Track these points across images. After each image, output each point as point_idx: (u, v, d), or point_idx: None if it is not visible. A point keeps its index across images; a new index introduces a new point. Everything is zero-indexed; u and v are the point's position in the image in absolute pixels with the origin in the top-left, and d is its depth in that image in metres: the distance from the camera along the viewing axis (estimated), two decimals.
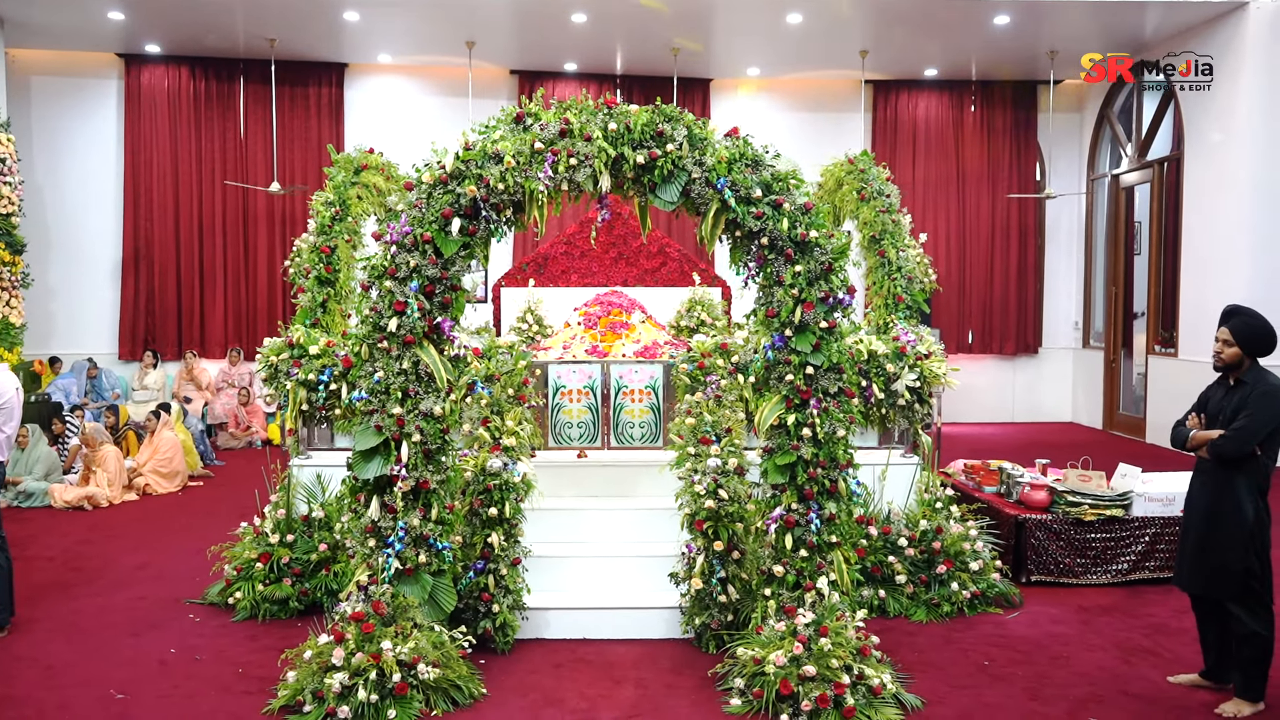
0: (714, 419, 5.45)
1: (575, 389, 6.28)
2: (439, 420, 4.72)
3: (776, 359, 4.72)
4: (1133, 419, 13.28)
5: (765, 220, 4.63)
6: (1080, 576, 6.36)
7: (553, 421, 6.29)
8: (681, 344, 7.35)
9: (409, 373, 4.67)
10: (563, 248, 9.18)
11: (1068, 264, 14.82)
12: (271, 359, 5.96)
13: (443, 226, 4.61)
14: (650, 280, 9.10)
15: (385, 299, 4.66)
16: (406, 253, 4.63)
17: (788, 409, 4.70)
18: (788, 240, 4.64)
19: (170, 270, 13.36)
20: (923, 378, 5.92)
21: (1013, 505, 6.65)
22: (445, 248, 4.61)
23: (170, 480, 9.68)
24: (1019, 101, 14.43)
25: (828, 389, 4.68)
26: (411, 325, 4.62)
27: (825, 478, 4.70)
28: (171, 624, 5.68)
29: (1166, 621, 5.72)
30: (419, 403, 4.68)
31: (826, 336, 4.66)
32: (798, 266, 4.63)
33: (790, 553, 4.71)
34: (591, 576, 5.61)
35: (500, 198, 4.63)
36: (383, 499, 4.70)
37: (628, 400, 6.28)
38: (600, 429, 6.31)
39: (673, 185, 4.65)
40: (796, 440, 4.68)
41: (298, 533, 5.94)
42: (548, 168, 4.59)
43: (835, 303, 4.66)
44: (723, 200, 4.63)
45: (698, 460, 5.27)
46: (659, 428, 6.31)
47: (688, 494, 5.15)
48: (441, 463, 4.78)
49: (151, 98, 13.24)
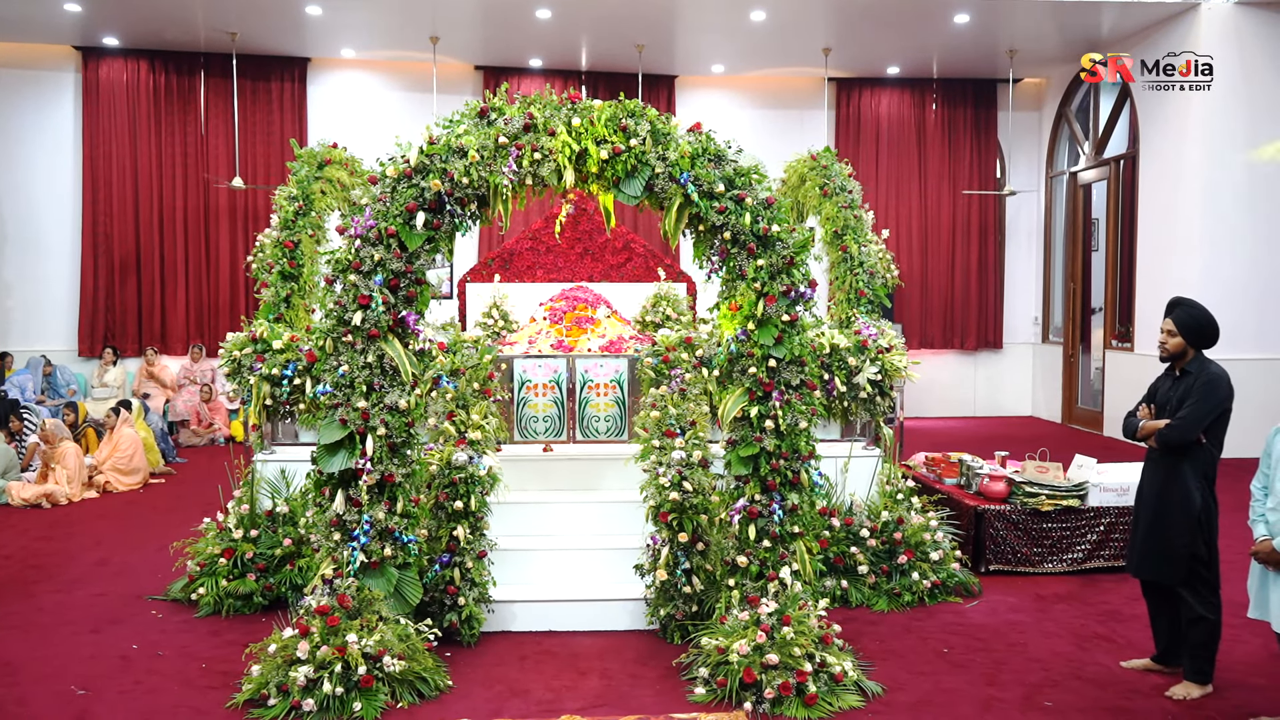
0: (678, 412, 5.50)
1: (541, 383, 6.31)
2: (404, 414, 4.73)
3: (739, 352, 4.78)
4: (1091, 412, 13.52)
5: (728, 215, 4.69)
6: (1038, 565, 6.49)
7: (518, 416, 6.32)
8: (647, 339, 7.40)
9: (374, 366, 4.67)
10: (528, 243, 9.19)
11: (1027, 261, 15.04)
12: (234, 354, 5.93)
13: (407, 220, 4.62)
14: (616, 276, 9.13)
15: (350, 293, 4.66)
16: (371, 246, 4.64)
17: (751, 401, 4.76)
18: (750, 235, 4.70)
19: (130, 265, 13.19)
20: (884, 371, 6.01)
21: (972, 496, 6.77)
22: (410, 241, 4.62)
23: (131, 477, 9.58)
24: (979, 100, 14.62)
25: (790, 381, 4.75)
26: (376, 319, 4.62)
27: (788, 469, 4.76)
28: (133, 620, 5.64)
29: (1119, 608, 5.85)
30: (384, 396, 4.68)
31: (788, 329, 4.72)
32: (760, 260, 4.69)
33: (753, 543, 4.77)
34: (557, 569, 5.65)
35: (465, 192, 4.64)
36: (348, 493, 4.70)
37: (593, 394, 6.32)
38: (566, 423, 6.35)
39: (636, 180, 4.70)
40: (759, 432, 4.74)
41: (261, 528, 5.92)
42: (512, 162, 4.61)
43: (797, 296, 4.73)
44: (686, 195, 4.68)
45: (662, 453, 5.32)
46: (624, 421, 6.36)
47: (653, 486, 5.20)
48: (407, 456, 4.79)
49: (110, 91, 13.05)
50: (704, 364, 5.89)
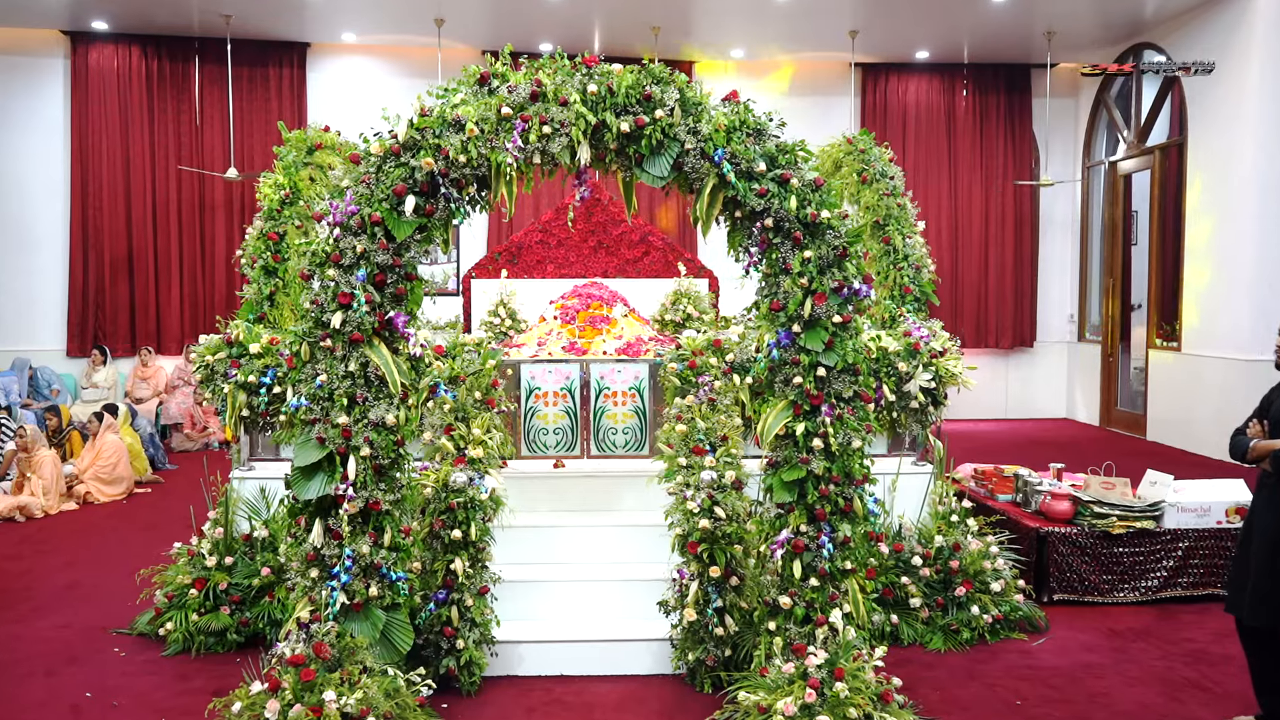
0: (708, 425, 4.83)
1: (551, 391, 5.63)
2: (392, 431, 4.07)
3: (782, 359, 4.10)
4: (1131, 415, 12.78)
5: (770, 198, 4.00)
6: (1107, 595, 5.80)
7: (526, 428, 5.65)
8: (668, 340, 6.73)
9: (356, 376, 4.01)
10: (538, 236, 8.52)
11: (1062, 255, 14.30)
12: (207, 358, 5.28)
13: (394, 205, 3.96)
14: (632, 271, 8.46)
15: (328, 290, 4.00)
16: (352, 236, 3.97)
17: (795, 416, 4.08)
18: (796, 221, 4.02)
19: (121, 261, 12.58)
20: (938, 377, 5.32)
21: (1032, 516, 6.07)
22: (398, 230, 3.95)
23: (114, 487, 8.95)
24: (1012, 86, 13.89)
25: (841, 393, 4.07)
26: (359, 321, 3.96)
27: (839, 495, 4.08)
28: (93, 659, 5.01)
29: (1207, 647, 5.16)
30: (368, 410, 4.02)
31: (840, 333, 4.04)
32: (807, 252, 4.00)
33: (799, 582, 4.09)
34: (569, 604, 4.98)
35: (461, 172, 3.97)
36: (326, 523, 4.04)
37: (609, 403, 5.65)
38: (579, 436, 5.67)
39: (663, 157, 4.01)
40: (806, 453, 4.06)
41: (238, 555, 5.27)
42: (516, 137, 3.94)
43: (850, 294, 4.04)
44: (721, 175, 4.00)
45: (690, 473, 4.66)
46: (645, 434, 5.67)
47: (679, 511, 4.54)
48: (395, 480, 4.13)
49: (100, 78, 12.44)
50: (735, 370, 5.21)
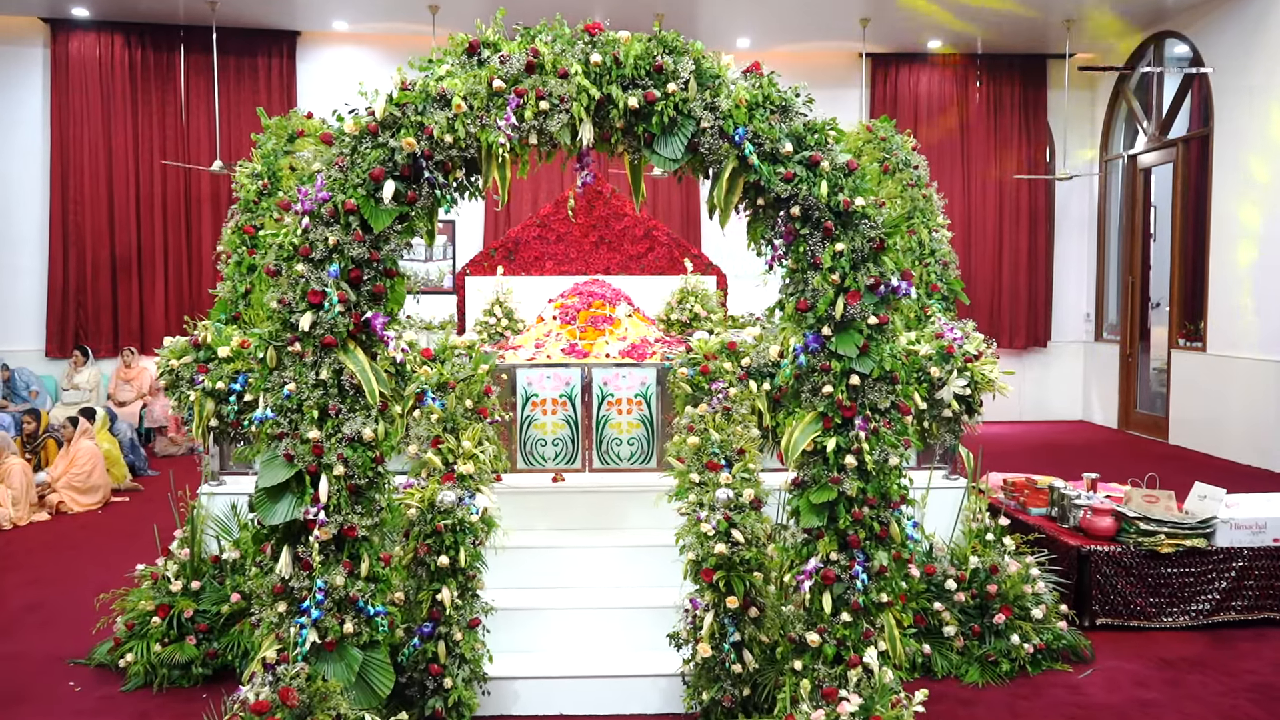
0: (722, 438, 4.36)
1: (550, 398, 5.16)
2: (370, 446, 3.61)
3: (810, 365, 3.63)
4: (1152, 418, 12.32)
5: (797, 184, 3.54)
6: (1153, 619, 5.33)
7: (522, 438, 5.18)
8: (676, 342, 6.26)
9: (329, 384, 3.55)
10: (536, 231, 8.05)
11: (1078, 251, 13.83)
12: (172, 363, 4.81)
13: (372, 192, 3.49)
14: (635, 268, 7.99)
15: (297, 288, 3.53)
16: (324, 226, 3.51)
17: (825, 430, 3.62)
18: (826, 210, 3.55)
19: (104, 258, 12.11)
20: (973, 383, 4.85)
21: (1071, 533, 5.61)
22: (375, 220, 3.49)
23: (89, 497, 8.49)
24: (1026, 77, 13.42)
25: (877, 404, 3.60)
26: (331, 322, 3.50)
27: (874, 519, 3.62)
28: (45, 695, 4.54)
29: (1271, 680, 4.69)
30: (342, 424, 3.56)
31: (876, 336, 3.57)
32: (839, 244, 3.54)
33: (829, 617, 3.63)
34: (570, 635, 4.52)
35: (447, 153, 3.51)
36: (295, 550, 3.58)
37: (614, 411, 5.18)
38: (580, 447, 5.20)
39: (675, 137, 3.55)
40: (837, 471, 3.59)
41: (206, 578, 4.80)
42: (510, 114, 3.47)
43: (888, 292, 3.58)
44: (741, 157, 3.53)
45: (703, 491, 4.18)
46: (652, 445, 5.21)
47: (692, 534, 4.07)
48: (374, 501, 3.67)
49: (81, 68, 11.97)
50: (752, 376, 4.74)
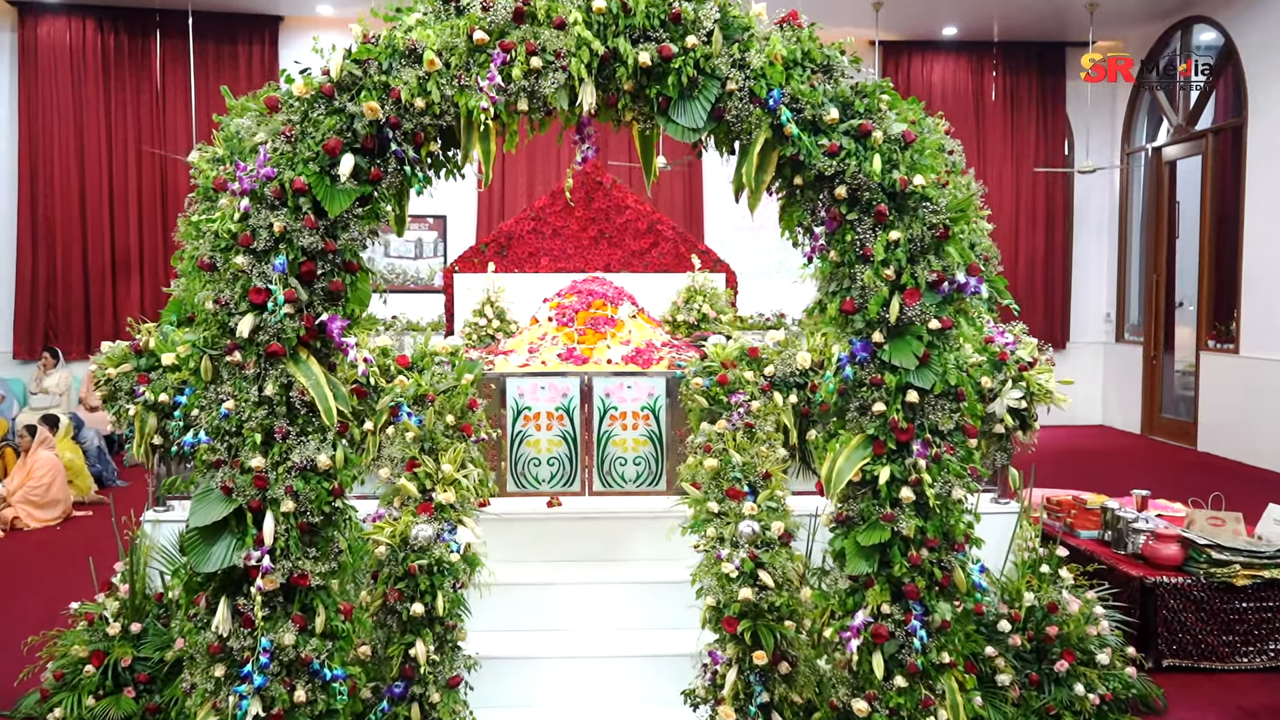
0: (745, 460, 3.74)
1: (545, 411, 4.53)
2: (326, 476, 2.98)
3: (858, 379, 3.01)
4: (1177, 423, 11.72)
5: (843, 158, 2.92)
6: (1227, 660, 4.72)
7: (513, 458, 4.55)
8: (684, 346, 5.64)
9: (275, 402, 2.92)
10: (530, 224, 7.44)
11: (1098, 248, 13.23)
12: (109, 371, 4.19)
13: (326, 168, 2.87)
14: (638, 264, 7.38)
15: (235, 284, 2.91)
16: (268, 210, 2.88)
17: (876, 457, 3.00)
18: (879, 191, 2.94)
19: (75, 254, 11.47)
20: (1029, 395, 4.23)
21: (1130, 561, 4.99)
22: (330, 202, 2.86)
23: (47, 511, 7.85)
24: (1045, 66, 12.83)
25: (939, 426, 2.98)
26: (277, 326, 2.87)
27: (935, 564, 3.00)
28: None
29: None
30: (291, 449, 2.93)
31: (938, 343, 2.96)
32: (894, 233, 2.92)
33: (880, 682, 3.01)
34: (567, 688, 3.90)
35: (419, 121, 2.88)
36: (234, 603, 2.95)
37: (617, 427, 4.55)
38: (579, 467, 4.57)
39: (696, 102, 2.92)
40: (890, 507, 2.98)
41: (149, 620, 4.17)
42: (494, 72, 2.85)
43: (953, 290, 2.96)
44: (776, 125, 2.91)
45: (724, 523, 3.57)
46: (661, 465, 4.57)
47: (712, 575, 3.45)
48: (331, 542, 3.04)
49: (51, 54, 11.34)
50: (777, 387, 4.13)
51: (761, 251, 12.12)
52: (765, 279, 11.69)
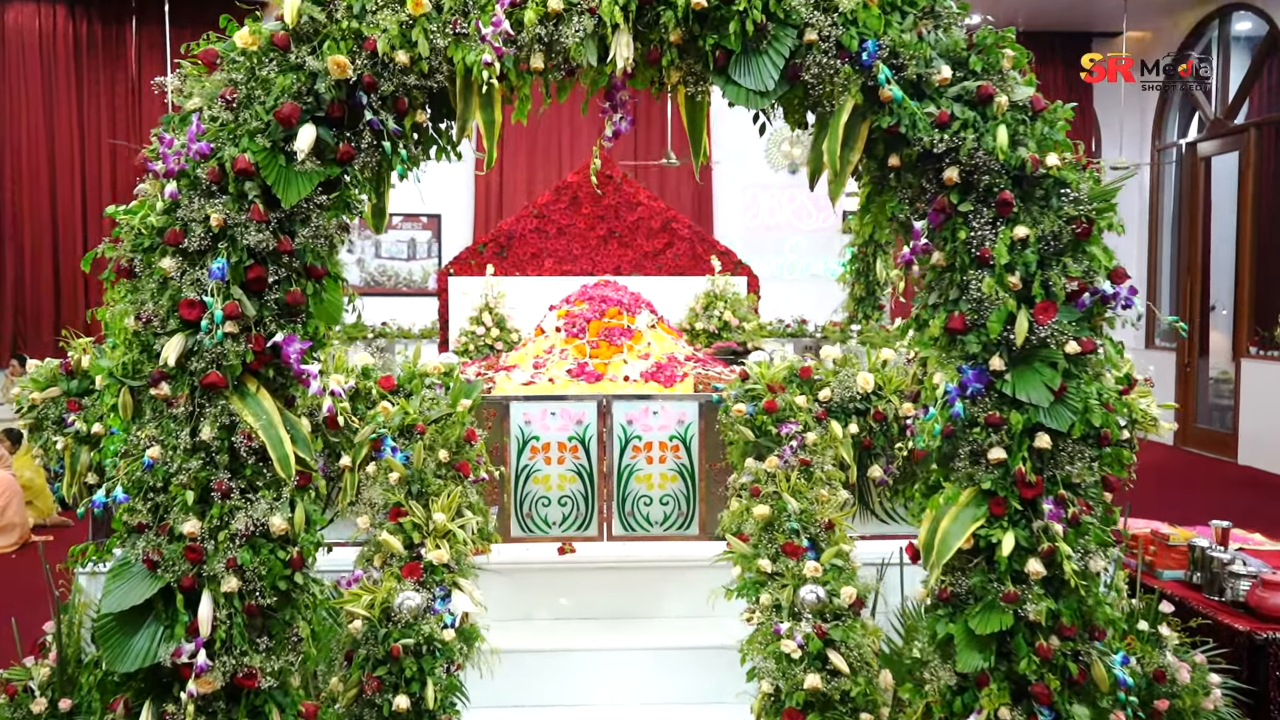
0: (803, 506, 3.07)
1: (556, 441, 3.84)
2: (282, 543, 2.30)
3: (970, 417, 2.33)
4: (1215, 434, 11.08)
5: (956, 131, 2.24)
6: None
7: (518, 496, 3.85)
8: (708, 360, 4.97)
9: (214, 448, 2.24)
10: (532, 223, 6.77)
11: (1127, 249, 12.56)
12: (33, 396, 3.50)
13: (280, 142, 2.19)
14: (651, 267, 6.71)
15: (161, 296, 2.23)
16: (203, 198, 2.20)
17: (993, 518, 2.32)
18: (1002, 174, 2.26)
19: (46, 254, 10.95)
20: (1130, 423, 3.55)
21: (1231, 611, 4.31)
22: (285, 187, 2.18)
23: (2, 537, 7.15)
24: (1068, 58, 12.18)
25: (1074, 479, 2.30)
26: (216, 351, 2.19)
27: (1070, 657, 2.32)
28: None
29: None
30: (236, 510, 2.25)
31: (1076, 372, 2.28)
32: (1020, 228, 2.25)
33: None
34: None
35: (402, 81, 2.20)
36: (162, 710, 2.27)
37: (641, 459, 3.85)
38: (596, 508, 3.87)
39: (765, 57, 2.24)
40: (1012, 583, 2.30)
41: (84, 695, 3.47)
42: (501, 17, 2.17)
43: (1095, 302, 2.29)
44: (870, 86, 2.24)
45: (779, 586, 2.90)
46: (693, 505, 3.88)
47: (768, 654, 2.77)
48: (288, 630, 2.36)
49: (19, 41, 10.86)
50: (833, 414, 3.45)
51: (774, 252, 11.50)
52: (780, 282, 11.08)
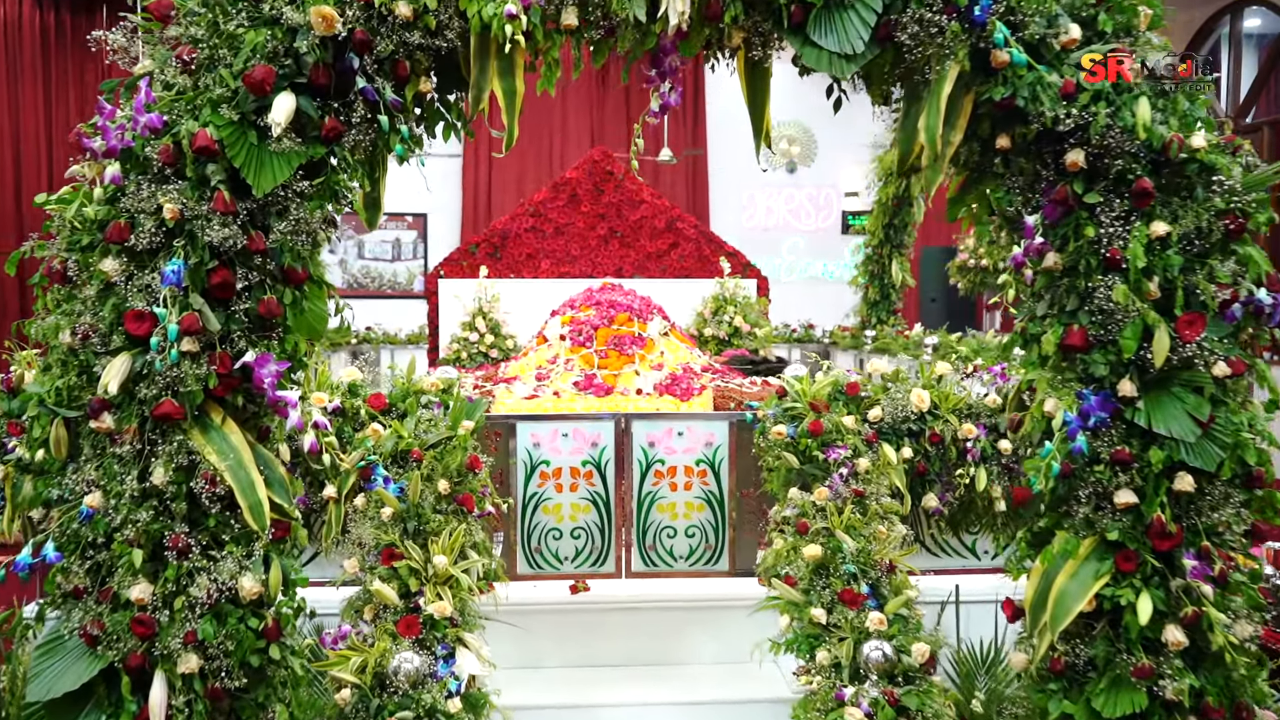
0: (860, 546, 2.66)
1: (568, 466, 3.40)
2: (254, 611, 1.86)
3: (1092, 453, 1.92)
4: None
5: (1086, 103, 1.83)
6: None
7: (525, 528, 3.41)
8: (728, 372, 4.56)
9: (168, 495, 1.80)
10: (528, 221, 6.34)
11: None
12: None
13: (251, 115, 1.75)
14: (655, 268, 6.29)
15: (102, 306, 1.79)
16: (154, 183, 1.77)
17: (1121, 575, 1.91)
18: (1139, 157, 1.85)
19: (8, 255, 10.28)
20: None
21: None
22: (259, 172, 1.75)
23: None
24: None
25: (1220, 528, 1.90)
26: (171, 375, 1.75)
27: None
28: None
29: None
30: (197, 573, 1.81)
31: (1224, 398, 1.88)
32: (1158, 224, 1.84)
33: None
34: None
35: (403, 40, 1.78)
36: None
37: (664, 486, 3.42)
38: (613, 541, 3.44)
39: (853, 12, 1.83)
40: (1146, 655, 1.89)
41: None
42: None
43: (1247, 314, 1.89)
44: (981, 49, 1.83)
45: (836, 641, 2.49)
46: (722, 537, 3.45)
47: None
48: (261, 714, 1.92)
49: None
50: (884, 437, 3.04)
51: (771, 254, 11.09)
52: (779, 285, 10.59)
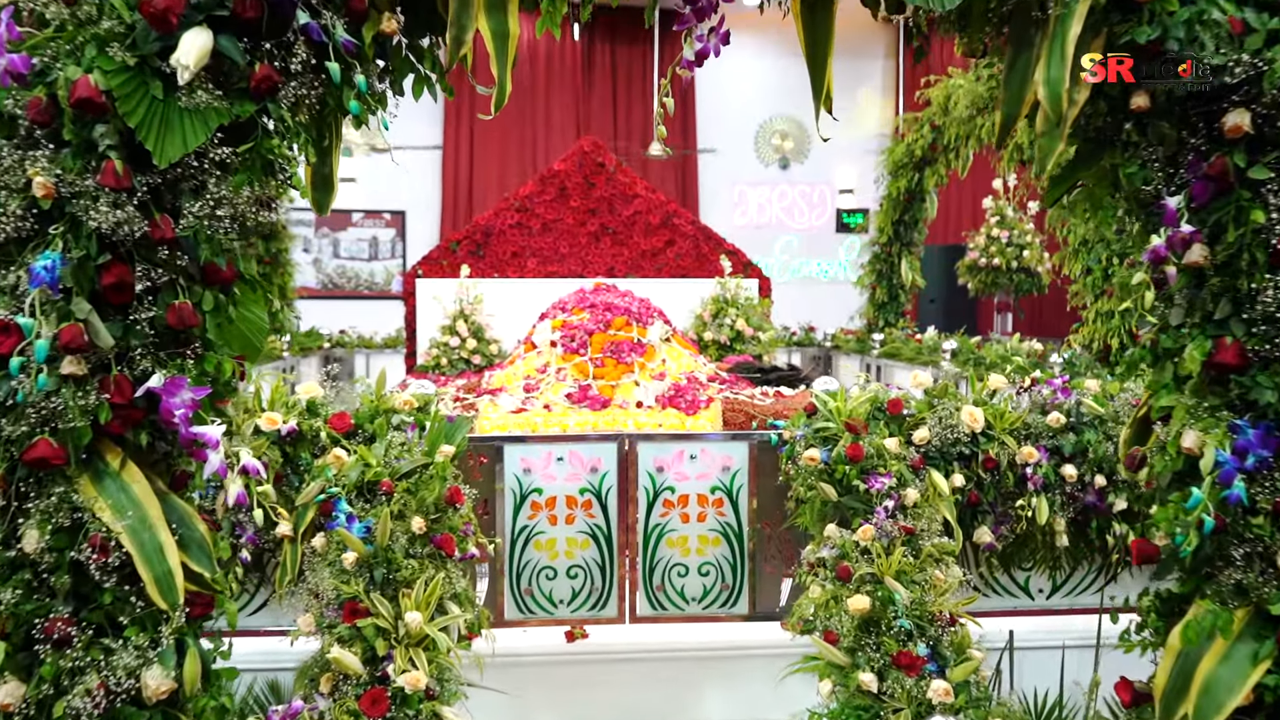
0: (915, 596, 2.24)
1: (564, 495, 2.96)
2: (164, 712, 1.42)
3: (1251, 501, 1.49)
4: None
5: (1258, 46, 1.41)
6: None
7: (514, 566, 2.97)
8: (736, 382, 4.12)
9: (46, 567, 1.35)
10: (513, 217, 5.90)
11: None
12: None
13: (151, 57, 1.30)
14: (650, 268, 5.87)
15: None
16: (21, 148, 1.31)
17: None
18: None
19: None
20: None
21: None
22: (163, 135, 1.30)
23: None
24: None
25: None
26: (47, 406, 1.30)
27: None
28: None
29: None
30: (86, 667, 1.36)
31: None
32: None
33: None
34: None
35: None
36: None
37: (675, 517, 2.99)
38: (615, 580, 2.99)
39: None
40: None
41: None
42: None
43: None
44: None
45: (893, 713, 2.07)
46: (741, 576, 3.01)
47: None
48: None
49: None
50: (931, 462, 2.62)
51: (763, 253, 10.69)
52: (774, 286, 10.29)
